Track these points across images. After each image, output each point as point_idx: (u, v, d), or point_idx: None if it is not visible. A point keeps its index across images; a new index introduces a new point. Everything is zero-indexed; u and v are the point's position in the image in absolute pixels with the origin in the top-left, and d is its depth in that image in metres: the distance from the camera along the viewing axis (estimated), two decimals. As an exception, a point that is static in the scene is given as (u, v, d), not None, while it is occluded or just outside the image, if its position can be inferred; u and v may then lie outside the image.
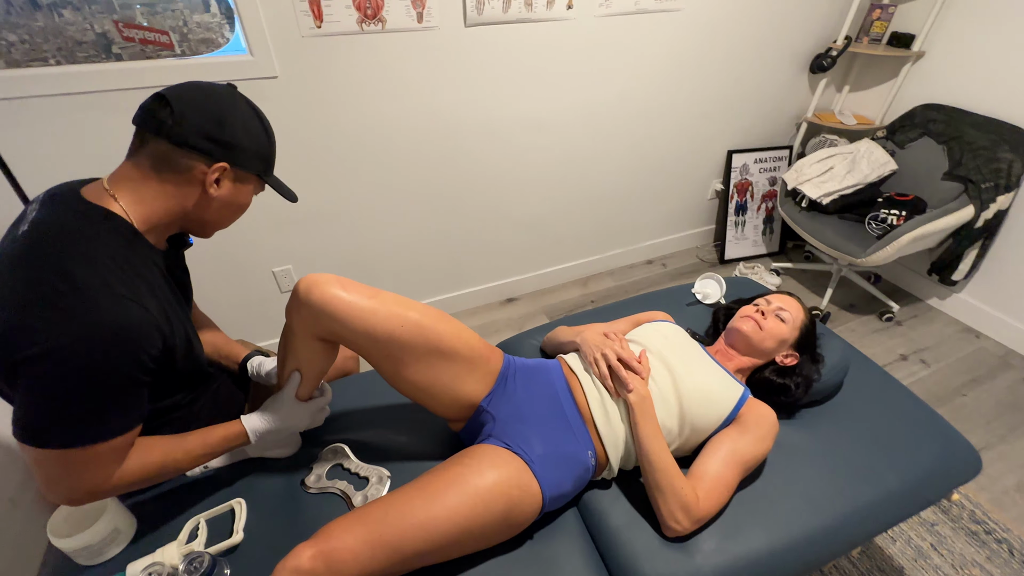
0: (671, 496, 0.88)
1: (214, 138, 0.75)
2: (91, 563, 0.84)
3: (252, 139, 0.80)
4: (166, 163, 0.75)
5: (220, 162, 0.76)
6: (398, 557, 0.76)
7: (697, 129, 2.35)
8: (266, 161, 0.85)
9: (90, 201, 0.73)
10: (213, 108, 0.76)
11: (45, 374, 0.64)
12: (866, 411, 1.16)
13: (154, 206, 0.77)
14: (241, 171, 0.80)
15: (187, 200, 0.78)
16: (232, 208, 0.85)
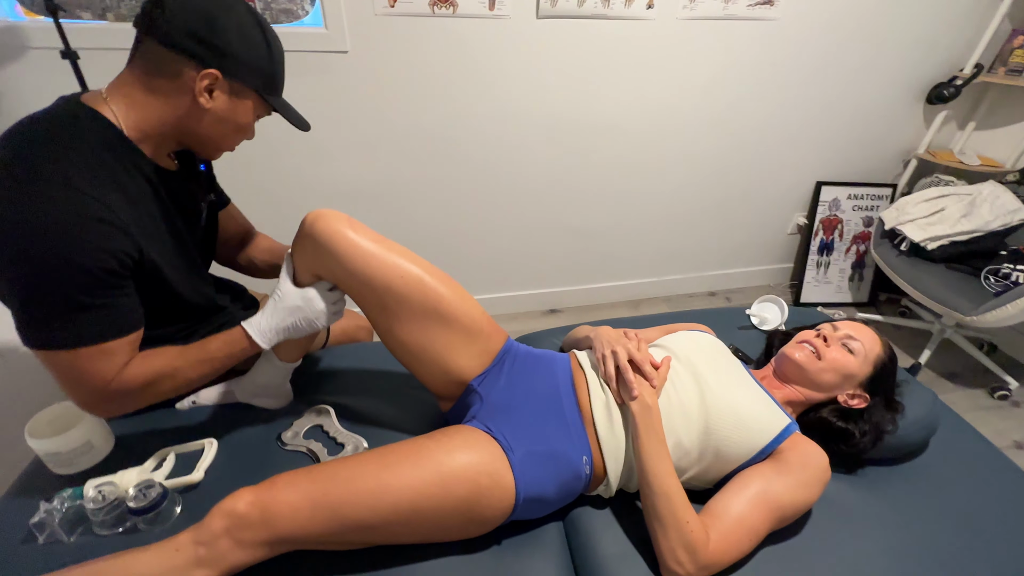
0: (673, 530, 0.72)
1: (203, 40, 0.70)
2: (61, 471, 0.83)
3: (249, 47, 0.74)
4: (157, 67, 0.72)
5: (209, 68, 0.71)
6: (338, 523, 0.67)
7: (782, 153, 2.14)
8: (267, 77, 0.78)
9: (84, 103, 0.73)
10: (206, 8, 0.71)
11: (5, 269, 0.64)
12: (957, 483, 0.92)
13: (146, 114, 0.74)
14: (236, 83, 0.75)
15: (178, 109, 0.74)
16: (229, 125, 0.79)
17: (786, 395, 0.92)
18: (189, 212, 0.90)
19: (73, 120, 0.71)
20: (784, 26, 1.82)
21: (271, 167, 1.67)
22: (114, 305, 0.72)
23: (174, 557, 0.64)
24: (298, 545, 0.69)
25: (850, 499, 0.87)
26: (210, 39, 0.71)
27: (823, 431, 0.91)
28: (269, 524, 0.66)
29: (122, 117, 0.74)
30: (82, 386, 0.72)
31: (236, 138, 0.84)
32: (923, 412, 0.94)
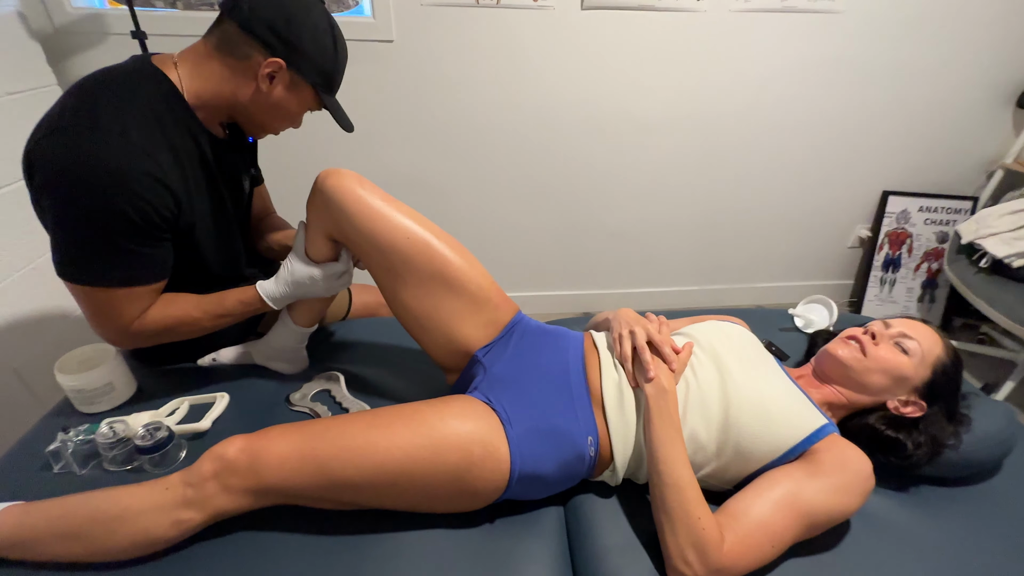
0: (682, 526, 0.65)
1: (278, 32, 0.76)
2: (84, 409, 0.87)
3: (317, 48, 0.79)
4: (229, 45, 0.77)
5: (276, 58, 0.77)
6: (324, 478, 0.65)
7: (844, 159, 1.99)
8: (326, 76, 0.83)
9: (153, 63, 0.78)
10: (288, 7, 0.77)
11: (55, 206, 0.69)
12: (1033, 516, 0.78)
13: (207, 84, 0.79)
14: (297, 76, 0.80)
15: (239, 88, 0.80)
16: (279, 112, 0.84)
17: (825, 396, 0.83)
18: (232, 180, 0.94)
19: (139, 77, 0.77)
20: (849, 20, 1.70)
21: (312, 151, 1.72)
22: (147, 254, 0.75)
23: (163, 495, 0.65)
24: (283, 498, 0.67)
25: (899, 519, 0.76)
26: (285, 32, 0.76)
27: (869, 440, 0.80)
28: (256, 472, 0.65)
29: (185, 82, 0.79)
30: (107, 322, 0.77)
31: (283, 124, 0.89)
32: (996, 428, 0.81)
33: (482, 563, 0.68)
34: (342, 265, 0.87)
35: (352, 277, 0.91)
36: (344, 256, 0.88)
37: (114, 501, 0.65)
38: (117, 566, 0.65)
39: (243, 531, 0.69)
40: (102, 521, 0.64)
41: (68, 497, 0.66)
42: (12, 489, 0.72)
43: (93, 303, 0.75)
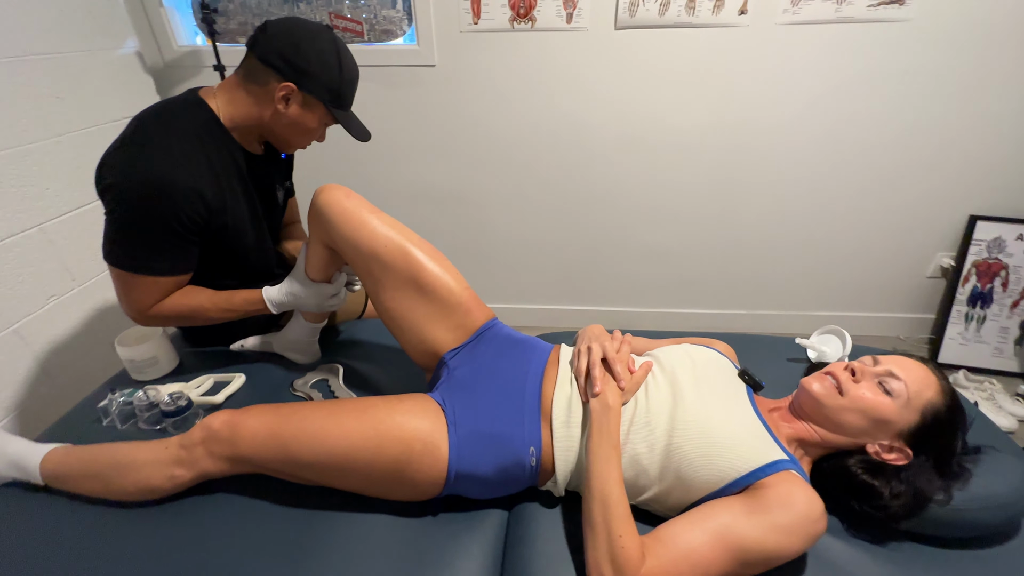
0: (603, 541, 0.65)
1: (288, 59, 0.89)
2: (136, 377, 1.05)
3: (323, 69, 0.91)
4: (252, 75, 0.92)
5: (288, 81, 0.90)
6: (285, 455, 0.75)
7: (922, 178, 1.79)
8: (334, 93, 0.95)
9: (199, 95, 0.95)
10: (296, 36, 0.90)
11: (109, 204, 0.86)
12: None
13: (238, 109, 0.95)
14: (308, 95, 0.92)
15: (262, 110, 0.94)
16: (298, 128, 0.97)
17: (797, 432, 0.78)
18: (266, 190, 1.10)
19: (186, 106, 0.94)
20: (918, 28, 1.55)
21: (362, 165, 1.90)
22: (174, 251, 0.91)
23: (163, 453, 0.78)
24: (255, 468, 0.78)
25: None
26: (293, 59, 0.89)
27: (843, 483, 0.75)
28: (233, 443, 0.76)
29: (222, 109, 0.95)
30: (130, 301, 0.93)
31: (304, 139, 1.02)
32: (1007, 489, 0.71)
33: (418, 551, 0.74)
34: (333, 288, 0.99)
35: (343, 300, 1.04)
36: (336, 280, 1.00)
37: (127, 452, 0.79)
38: (127, 505, 0.79)
39: (224, 493, 0.81)
40: (116, 467, 0.78)
41: (97, 445, 0.82)
42: (69, 434, 0.90)
43: (121, 283, 0.92)
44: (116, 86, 1.56)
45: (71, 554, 0.73)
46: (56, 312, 1.38)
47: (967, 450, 0.78)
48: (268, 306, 0.99)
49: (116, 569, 0.71)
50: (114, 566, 0.71)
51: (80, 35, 1.44)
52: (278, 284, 1.01)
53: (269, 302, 1.00)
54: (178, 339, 1.18)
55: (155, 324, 1.00)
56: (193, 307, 0.97)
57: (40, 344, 1.34)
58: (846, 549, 0.73)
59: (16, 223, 1.27)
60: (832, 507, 0.77)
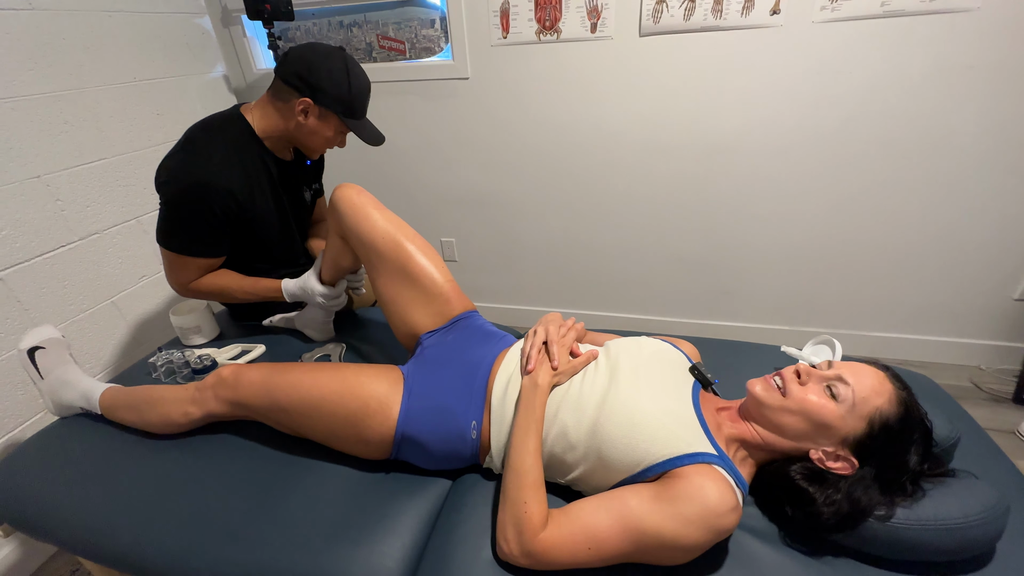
0: (511, 506, 0.70)
1: (303, 78, 1.05)
2: (184, 342, 1.27)
3: (334, 85, 1.06)
4: (277, 93, 1.10)
5: (305, 97, 1.06)
6: (270, 400, 0.88)
7: (1001, 185, 1.59)
8: (345, 104, 1.09)
9: (240, 110, 1.14)
10: (310, 58, 1.05)
11: (162, 198, 1.06)
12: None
13: (268, 122, 1.13)
14: (324, 109, 1.08)
15: (287, 122, 1.11)
16: (318, 137, 1.13)
17: (740, 432, 0.76)
18: (294, 192, 1.28)
19: (229, 120, 1.14)
20: (987, 17, 1.39)
21: (406, 172, 2.07)
22: (209, 239, 1.11)
23: (182, 393, 0.95)
24: (249, 411, 0.92)
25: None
26: (307, 77, 1.05)
27: (780, 488, 0.72)
28: (235, 388, 0.91)
29: (256, 122, 1.14)
30: (174, 276, 1.14)
31: (324, 145, 1.18)
32: (957, 514, 0.65)
33: (364, 501, 0.83)
34: (335, 292, 1.16)
35: (342, 304, 1.20)
36: (339, 286, 1.17)
37: (157, 391, 0.98)
38: (153, 436, 0.97)
39: (225, 434, 0.97)
40: (148, 402, 0.97)
41: (138, 387, 1.02)
42: (127, 381, 1.11)
43: (168, 262, 1.13)
44: (206, 104, 1.87)
45: (107, 469, 0.92)
46: (145, 289, 1.68)
47: (937, 471, 0.71)
48: (285, 296, 1.17)
49: (137, 484, 0.89)
50: (136, 481, 0.89)
51: (179, 63, 1.76)
52: (296, 279, 1.18)
53: (286, 293, 1.18)
54: (224, 314, 1.40)
55: (193, 297, 1.21)
56: (223, 287, 1.17)
57: (131, 313, 1.64)
58: (775, 556, 0.70)
59: (120, 215, 1.58)
60: (771, 513, 0.75)
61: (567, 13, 1.64)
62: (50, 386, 1.05)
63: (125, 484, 0.89)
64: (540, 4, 1.64)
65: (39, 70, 1.35)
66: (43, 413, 1.38)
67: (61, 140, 1.42)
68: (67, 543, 0.86)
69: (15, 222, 1.30)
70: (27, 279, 1.34)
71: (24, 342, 1.04)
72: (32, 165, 1.34)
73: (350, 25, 1.85)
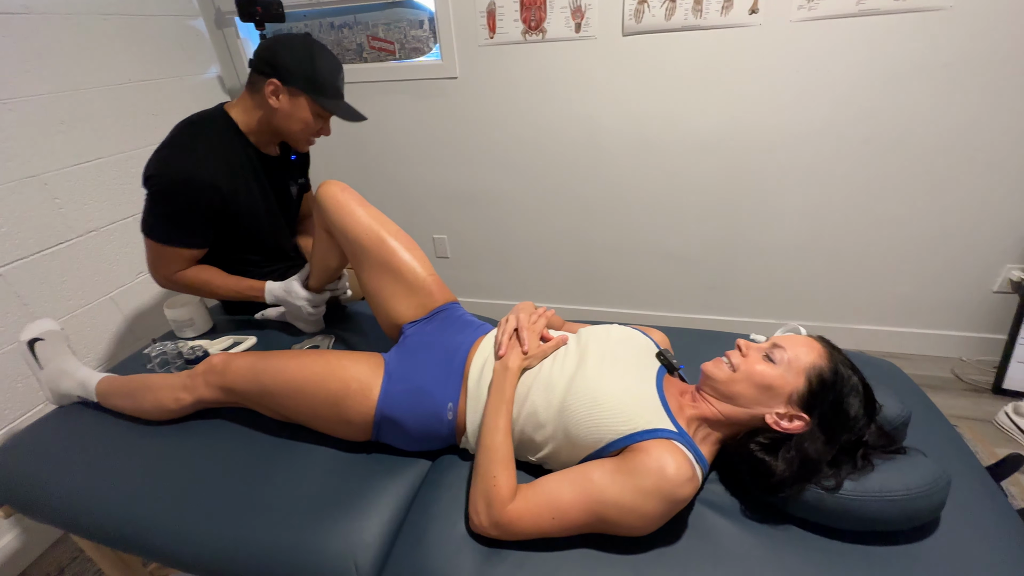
0: (481, 481, 0.74)
1: (269, 61, 1.09)
2: (178, 334, 1.31)
3: (297, 63, 1.08)
4: (252, 85, 1.13)
5: (271, 78, 1.09)
6: (257, 385, 0.92)
7: (982, 182, 1.63)
8: (310, 81, 1.09)
9: (224, 107, 1.18)
10: (274, 44, 1.09)
11: (148, 190, 1.10)
12: None
13: (248, 115, 1.16)
14: (292, 88, 1.09)
15: (263, 111, 1.14)
16: (293, 120, 1.14)
17: (700, 411, 0.80)
18: (279, 186, 1.31)
19: (212, 117, 1.18)
20: (959, 16, 1.43)
21: (397, 170, 2.11)
22: (191, 231, 1.15)
23: (174, 380, 0.99)
24: (237, 397, 0.96)
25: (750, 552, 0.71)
26: (272, 60, 1.10)
27: (746, 464, 0.76)
28: (224, 375, 0.95)
29: (238, 117, 1.18)
30: (156, 267, 1.18)
31: (304, 131, 1.18)
32: (901, 485, 0.68)
33: (344, 480, 0.87)
34: (321, 298, 1.22)
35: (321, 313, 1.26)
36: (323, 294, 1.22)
37: (150, 379, 1.02)
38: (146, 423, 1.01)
39: (216, 419, 1.01)
40: (142, 389, 1.01)
41: (132, 376, 1.06)
42: (123, 371, 1.15)
43: (150, 252, 1.16)
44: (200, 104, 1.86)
45: (101, 453, 0.96)
46: (142, 285, 1.72)
47: (888, 447, 0.75)
48: (266, 296, 1.22)
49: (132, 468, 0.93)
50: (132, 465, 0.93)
51: (173, 64, 1.80)
52: (281, 282, 1.23)
53: (269, 294, 1.22)
54: (217, 308, 1.44)
55: (174, 289, 1.24)
56: (205, 280, 1.21)
57: (129, 308, 1.68)
58: (730, 527, 0.74)
59: (117, 212, 1.62)
60: (732, 488, 0.79)
61: (551, 13, 1.68)
62: (49, 376, 1.09)
63: (120, 467, 0.93)
64: (525, 5, 1.68)
65: (36, 72, 1.40)
66: (42, 405, 1.42)
67: (58, 140, 1.46)
68: (65, 522, 0.90)
69: (14, 219, 1.35)
70: (27, 275, 1.38)
71: (24, 334, 1.08)
72: (30, 164, 1.39)
73: (340, 26, 1.90)
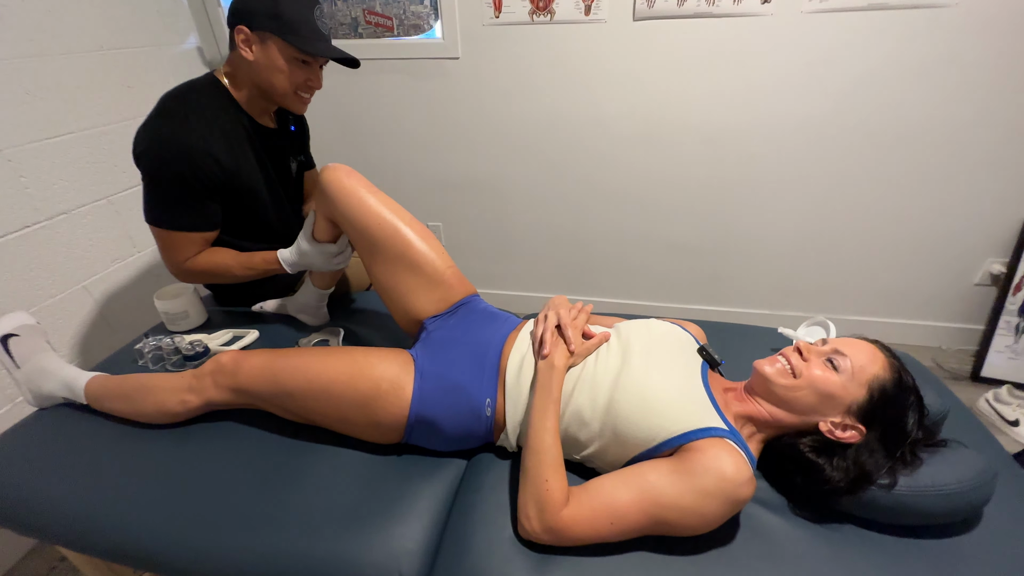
0: (531, 484, 0.71)
1: (235, 10, 0.98)
2: (170, 327, 1.21)
3: (260, 4, 0.96)
4: (230, 44, 1.03)
5: (239, 25, 0.98)
6: (274, 386, 0.86)
7: (968, 178, 1.68)
8: (275, 19, 0.96)
9: (214, 74, 1.08)
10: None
11: (142, 170, 1.00)
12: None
13: (235, 78, 1.07)
14: (260, 32, 0.97)
15: (245, 68, 1.03)
16: (271, 70, 1.01)
17: (748, 410, 0.79)
18: (279, 161, 1.22)
19: (202, 84, 1.07)
20: (962, 15, 1.45)
21: (392, 154, 2.02)
22: (196, 209, 1.05)
23: (177, 381, 0.91)
24: (251, 399, 0.89)
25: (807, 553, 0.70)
26: (239, 8, 0.99)
27: (792, 461, 0.76)
28: (235, 375, 0.88)
29: (229, 83, 1.08)
30: (168, 256, 1.08)
31: (286, 82, 1.03)
32: (953, 479, 0.69)
33: (378, 485, 0.82)
34: (336, 248, 1.08)
35: (348, 259, 1.12)
36: (340, 241, 1.08)
37: (150, 379, 0.94)
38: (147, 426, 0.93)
39: (226, 422, 0.93)
40: (140, 391, 0.92)
41: (128, 375, 0.97)
42: (112, 370, 1.05)
43: (161, 240, 1.07)
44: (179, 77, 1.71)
45: (98, 459, 0.88)
46: (118, 272, 1.59)
47: (931, 441, 0.76)
48: (283, 265, 1.11)
49: (132, 476, 0.84)
50: (131, 473, 0.85)
51: (149, 32, 1.65)
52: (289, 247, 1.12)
53: (283, 261, 1.11)
54: (209, 299, 1.34)
55: (192, 279, 1.15)
56: (219, 263, 1.11)
57: (103, 298, 1.55)
58: (784, 525, 0.74)
59: (88, 194, 1.48)
60: (779, 484, 0.78)
61: (562, -6, 1.62)
62: (27, 376, 0.99)
63: (117, 474, 0.85)
64: (534, -16, 1.62)
65: (-4, 34, 1.25)
66: (18, 401, 1.30)
67: (23, 112, 1.31)
68: (58, 536, 0.81)
69: (-25, 200, 1.21)
70: (-10, 262, 1.25)
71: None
72: (-8, 138, 1.24)
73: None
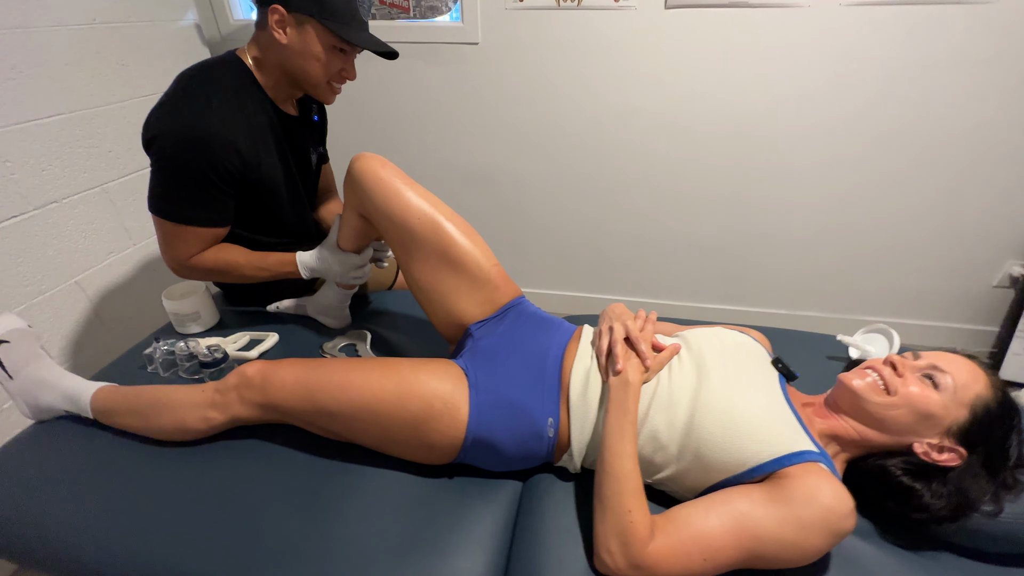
0: (612, 515, 0.64)
1: None
2: (179, 329, 1.11)
3: None
4: (259, 22, 0.94)
5: (274, 3, 0.88)
6: (311, 404, 0.77)
7: (992, 178, 1.66)
8: (316, 1, 0.88)
9: (236, 54, 0.98)
10: None
11: (153, 157, 0.90)
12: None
13: (262, 61, 0.97)
14: (298, 14, 0.89)
15: (274, 51, 0.93)
16: (305, 56, 0.93)
17: (832, 427, 0.74)
18: (300, 152, 1.12)
19: (224, 65, 0.97)
20: (1002, 12, 1.42)
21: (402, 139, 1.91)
22: (211, 203, 0.95)
23: (199, 395, 0.82)
24: (283, 416, 0.81)
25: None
26: None
27: (880, 484, 0.70)
28: (264, 389, 0.79)
29: (253, 65, 0.98)
30: (171, 251, 0.98)
31: (320, 70, 0.95)
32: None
33: (431, 511, 0.75)
34: (360, 260, 1.00)
35: (367, 274, 1.05)
36: (364, 253, 1.01)
37: (167, 393, 0.84)
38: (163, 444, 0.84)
39: (253, 439, 0.85)
40: (156, 406, 0.83)
41: (141, 386, 0.87)
42: (117, 378, 0.95)
43: (163, 234, 0.97)
44: (176, 56, 1.63)
45: (108, 482, 0.78)
46: (114, 267, 1.47)
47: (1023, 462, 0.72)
48: (300, 270, 1.02)
49: (147, 500, 0.76)
50: (146, 497, 0.76)
51: (145, 6, 1.52)
52: (311, 251, 1.04)
53: (302, 266, 1.02)
54: (219, 298, 1.24)
55: (193, 276, 1.05)
56: (228, 261, 1.01)
57: (98, 296, 1.43)
58: (876, 553, 0.69)
59: (81, 182, 1.36)
60: (865, 508, 0.73)
61: (591, -22, 1.54)
62: (21, 387, 0.89)
63: (130, 502, 0.76)
64: (563, -34, 1.53)
65: (-24, 1, 1.12)
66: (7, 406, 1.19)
67: (8, 90, 1.19)
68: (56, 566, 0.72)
69: (-44, 188, 1.09)
70: (-27, 256, 1.13)
71: (-16, 335, 0.87)
72: (-26, 118, 1.12)
73: (346, -25, 1.66)
